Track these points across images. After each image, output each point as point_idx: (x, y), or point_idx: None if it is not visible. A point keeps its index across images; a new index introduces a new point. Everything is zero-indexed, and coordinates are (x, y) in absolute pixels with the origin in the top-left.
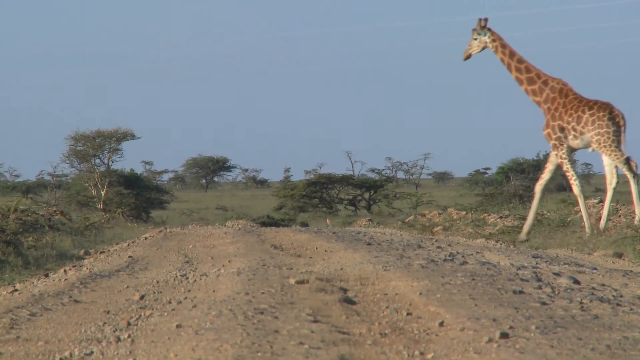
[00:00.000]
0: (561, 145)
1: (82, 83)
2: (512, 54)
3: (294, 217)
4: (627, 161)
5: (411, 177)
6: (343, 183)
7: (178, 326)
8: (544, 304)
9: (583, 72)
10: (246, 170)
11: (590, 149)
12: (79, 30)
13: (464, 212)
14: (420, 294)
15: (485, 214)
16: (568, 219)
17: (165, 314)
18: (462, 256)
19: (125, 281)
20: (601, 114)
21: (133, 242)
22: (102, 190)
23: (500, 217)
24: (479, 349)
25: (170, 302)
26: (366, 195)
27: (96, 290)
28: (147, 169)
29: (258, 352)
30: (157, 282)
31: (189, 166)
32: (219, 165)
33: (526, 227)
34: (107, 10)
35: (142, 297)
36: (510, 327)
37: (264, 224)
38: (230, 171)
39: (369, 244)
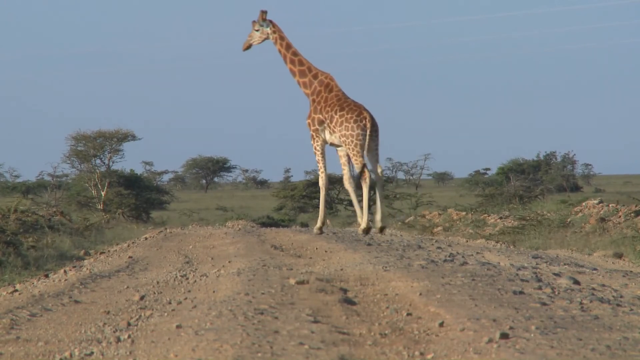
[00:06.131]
0: (317, 137)
1: (82, 83)
2: (288, 47)
3: (294, 218)
4: (363, 169)
5: (411, 178)
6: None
7: (178, 326)
8: (544, 304)
9: (583, 72)
10: (246, 170)
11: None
12: (79, 30)
13: (464, 213)
14: (420, 294)
15: (485, 215)
16: (568, 220)
17: (166, 314)
18: (462, 257)
19: (125, 281)
20: (349, 116)
21: (133, 242)
22: (102, 191)
23: (500, 218)
24: (479, 350)
25: (170, 303)
26: None
27: (96, 291)
28: (147, 170)
29: (258, 353)
30: (157, 282)
31: (189, 167)
32: (219, 166)
33: (360, 220)
34: (107, 10)
35: (142, 298)
36: (510, 328)
37: (264, 225)
38: (231, 172)
39: (369, 244)
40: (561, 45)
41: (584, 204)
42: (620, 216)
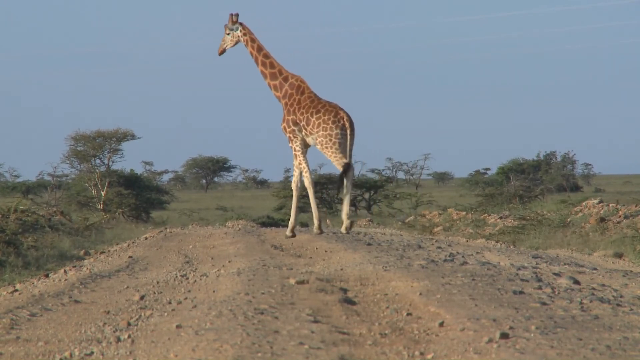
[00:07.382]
0: (295, 138)
1: (82, 83)
2: (259, 49)
3: None
4: (347, 167)
5: (411, 178)
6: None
7: (178, 326)
8: (544, 304)
9: (583, 72)
10: (246, 170)
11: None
12: (79, 30)
13: (464, 213)
14: (421, 294)
15: (486, 215)
16: (568, 220)
17: (166, 314)
18: (462, 256)
19: (125, 281)
20: (326, 117)
21: (133, 242)
22: (102, 191)
23: (501, 218)
24: (479, 349)
25: (170, 303)
26: (366, 196)
27: (96, 291)
28: (147, 169)
29: (258, 353)
30: (157, 282)
31: (189, 166)
32: (219, 166)
33: (290, 224)
34: (107, 10)
35: (142, 298)
36: (510, 328)
37: (264, 224)
38: (231, 171)
39: (369, 244)
40: (561, 45)
41: (584, 203)
42: (620, 216)
